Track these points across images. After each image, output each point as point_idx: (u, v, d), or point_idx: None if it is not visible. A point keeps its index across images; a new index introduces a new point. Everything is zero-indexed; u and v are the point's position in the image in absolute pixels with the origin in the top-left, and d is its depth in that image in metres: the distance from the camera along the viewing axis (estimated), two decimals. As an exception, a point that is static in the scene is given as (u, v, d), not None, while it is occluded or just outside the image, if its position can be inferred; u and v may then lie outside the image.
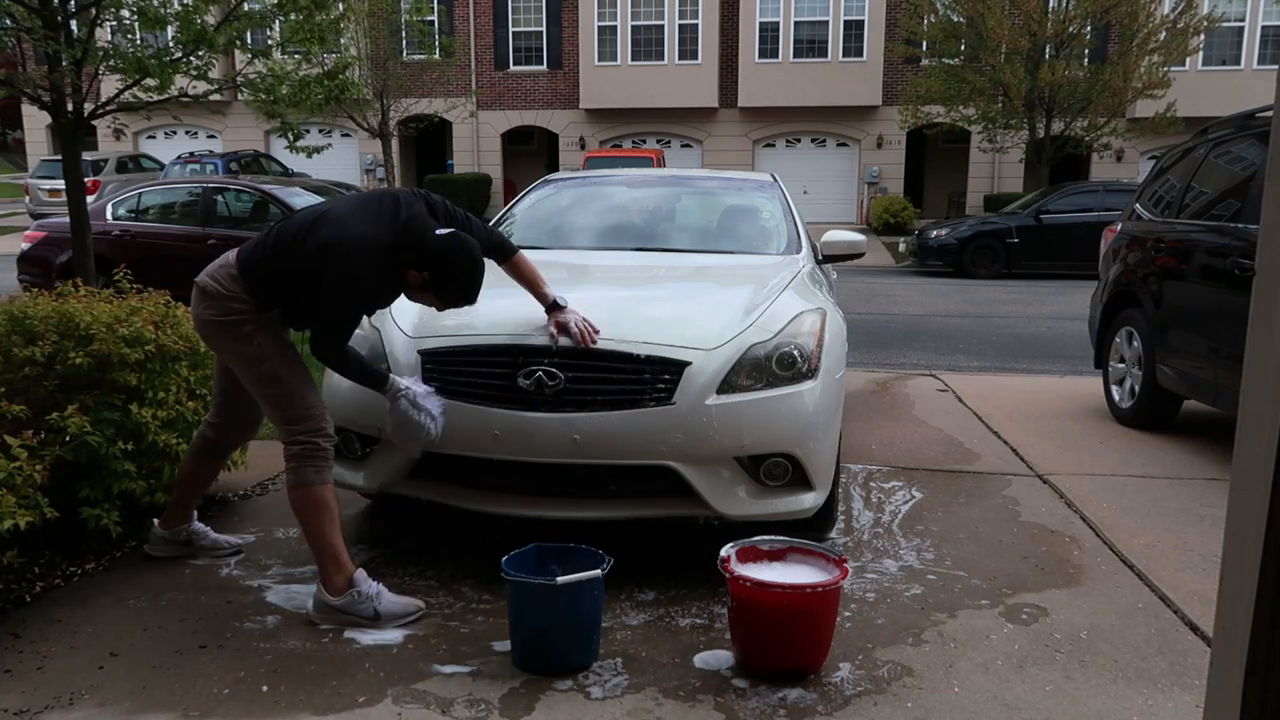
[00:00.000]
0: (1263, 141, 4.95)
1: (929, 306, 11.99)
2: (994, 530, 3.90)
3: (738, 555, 2.85)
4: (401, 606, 3.03)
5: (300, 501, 2.98)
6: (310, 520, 2.98)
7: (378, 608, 2.98)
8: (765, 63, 24.00)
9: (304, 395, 3.00)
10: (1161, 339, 5.35)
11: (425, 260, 2.90)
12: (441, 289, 2.95)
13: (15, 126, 35.71)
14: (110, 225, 9.42)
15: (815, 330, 3.44)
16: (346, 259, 2.83)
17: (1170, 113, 18.86)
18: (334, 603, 2.97)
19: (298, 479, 2.97)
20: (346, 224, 2.89)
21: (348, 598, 2.97)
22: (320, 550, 2.99)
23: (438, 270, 2.91)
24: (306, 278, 2.90)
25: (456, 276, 2.94)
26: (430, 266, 2.91)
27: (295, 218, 3.06)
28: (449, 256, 2.91)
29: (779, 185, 5.31)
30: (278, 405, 3.00)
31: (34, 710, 2.51)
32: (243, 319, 2.97)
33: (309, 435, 2.98)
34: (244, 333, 2.97)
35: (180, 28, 6.59)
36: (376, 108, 21.33)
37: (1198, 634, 3.01)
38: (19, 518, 2.79)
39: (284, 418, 3.00)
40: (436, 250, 2.90)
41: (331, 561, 2.98)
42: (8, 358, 3.45)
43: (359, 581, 2.98)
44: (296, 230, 2.96)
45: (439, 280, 2.93)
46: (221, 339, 3.03)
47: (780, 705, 2.58)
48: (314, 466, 2.97)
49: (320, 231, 2.88)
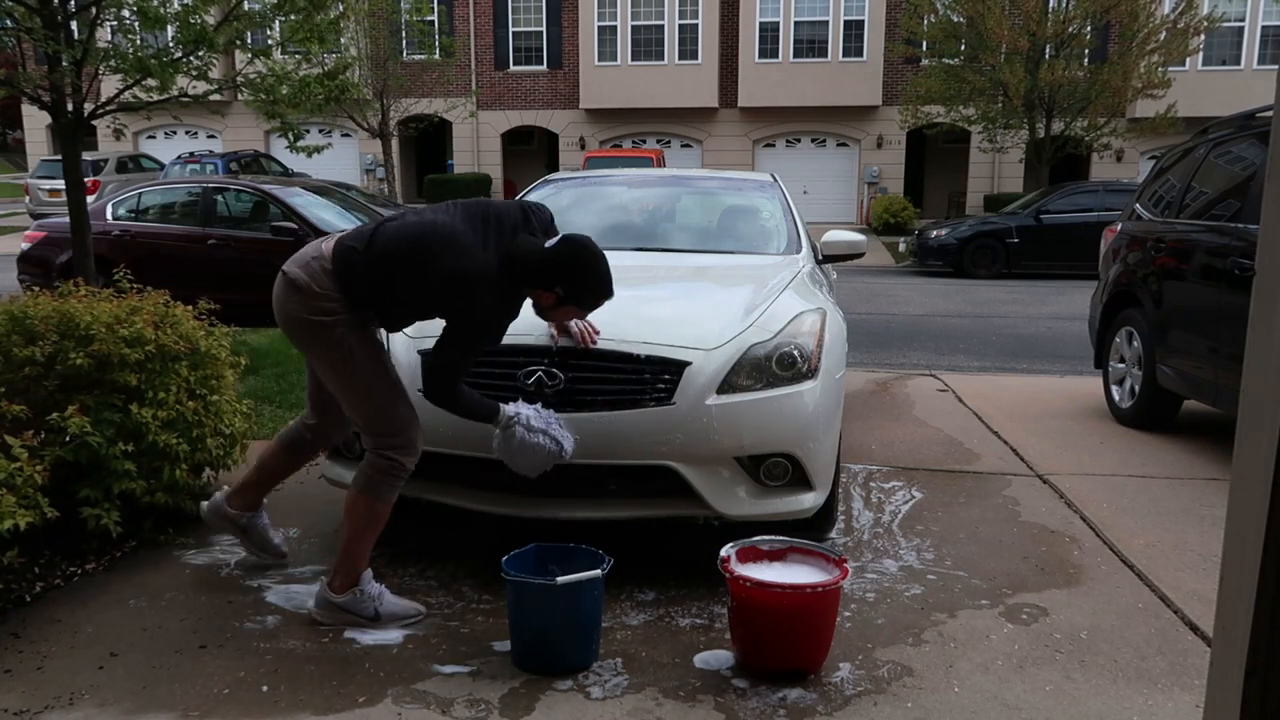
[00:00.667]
0: (1263, 141, 4.95)
1: (929, 306, 11.99)
2: (994, 530, 3.90)
3: (738, 555, 2.85)
4: (402, 608, 3.02)
5: (359, 506, 2.92)
6: (357, 526, 2.94)
7: (379, 608, 2.98)
8: (765, 63, 24.00)
9: (397, 409, 2.89)
10: (1161, 339, 5.35)
11: (553, 278, 2.79)
12: (581, 298, 2.85)
13: (15, 126, 35.72)
14: (110, 225, 9.41)
15: (815, 330, 3.44)
16: (470, 290, 2.71)
17: (1170, 113, 18.87)
18: (337, 600, 2.96)
19: (368, 487, 2.90)
20: (469, 252, 2.74)
21: (350, 595, 2.97)
22: (348, 553, 2.97)
23: (570, 283, 2.80)
24: (416, 293, 2.82)
25: (590, 280, 2.83)
26: (561, 281, 2.80)
27: (397, 226, 2.90)
28: (574, 266, 2.81)
29: (779, 185, 5.31)
30: (367, 418, 2.90)
31: (34, 710, 2.51)
32: (334, 320, 2.82)
33: (397, 453, 2.88)
34: (334, 336, 2.83)
35: (180, 28, 6.59)
36: (376, 108, 21.34)
37: (1198, 634, 3.01)
38: (19, 518, 2.79)
39: (374, 430, 2.89)
40: (559, 265, 2.79)
41: (350, 566, 2.97)
42: (8, 358, 3.45)
43: (363, 582, 2.98)
44: (404, 243, 2.82)
45: (575, 291, 2.82)
46: (309, 339, 2.88)
47: (780, 705, 2.58)
48: (389, 484, 2.91)
49: (441, 259, 2.74)
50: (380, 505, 2.92)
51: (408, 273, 2.79)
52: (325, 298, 2.82)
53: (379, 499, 2.91)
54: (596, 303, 2.90)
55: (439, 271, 2.74)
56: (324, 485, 4.07)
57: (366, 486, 2.91)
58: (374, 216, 10.30)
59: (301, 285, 2.83)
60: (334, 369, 2.88)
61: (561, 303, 2.85)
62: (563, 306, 2.87)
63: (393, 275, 2.81)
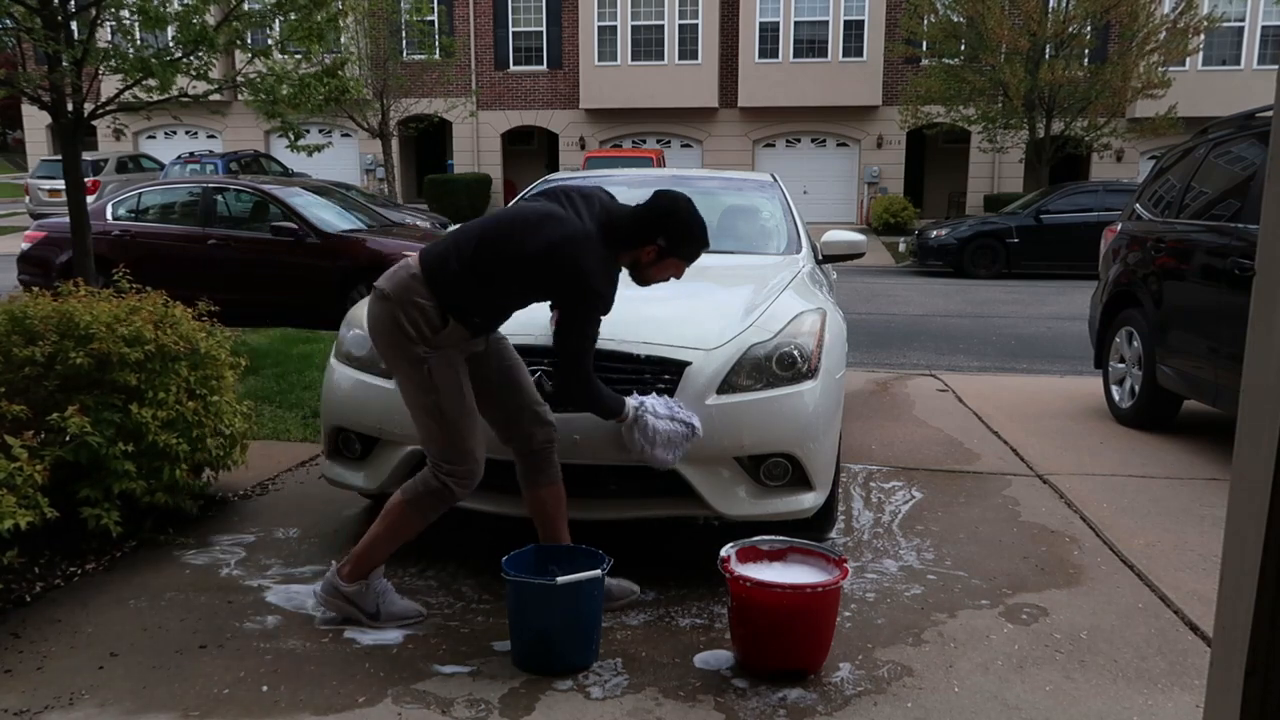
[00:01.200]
0: (1263, 141, 4.95)
1: (929, 306, 11.99)
2: (994, 530, 3.90)
3: (738, 555, 2.85)
4: (402, 609, 3.03)
5: (398, 514, 2.90)
6: (389, 530, 2.92)
7: (380, 605, 2.98)
8: (765, 63, 24.00)
9: (464, 437, 2.86)
10: (1161, 339, 5.35)
11: (654, 231, 2.84)
12: (681, 247, 2.89)
13: (15, 126, 35.72)
14: (110, 225, 9.42)
15: (815, 330, 3.44)
16: (577, 258, 2.73)
17: (1170, 113, 18.87)
18: (344, 588, 2.96)
19: (414, 501, 2.89)
20: (567, 221, 2.79)
21: (357, 586, 2.97)
22: (368, 549, 2.94)
23: (670, 232, 2.85)
24: (519, 275, 2.80)
25: (690, 228, 2.88)
26: (662, 232, 2.85)
27: (481, 221, 2.93)
28: (673, 214, 2.86)
29: (779, 185, 5.31)
30: (435, 439, 2.87)
31: (34, 710, 2.51)
32: (418, 336, 2.80)
33: (453, 481, 2.87)
34: (417, 355, 2.81)
35: (180, 28, 6.60)
36: (376, 108, 21.34)
37: (1198, 634, 3.01)
38: (19, 518, 2.79)
39: (438, 452, 2.87)
40: (659, 216, 2.85)
41: (366, 560, 2.95)
42: (8, 358, 3.45)
43: (373, 577, 2.98)
44: (499, 229, 2.85)
45: (676, 241, 2.87)
46: (394, 351, 2.86)
47: (780, 705, 2.58)
48: (435, 506, 2.90)
49: (541, 232, 2.77)
50: (419, 520, 2.92)
51: (509, 255, 2.79)
52: (415, 307, 2.79)
53: (420, 514, 2.91)
54: (696, 252, 2.94)
55: (542, 245, 2.76)
56: (324, 485, 4.07)
57: (413, 500, 2.89)
58: (374, 216, 10.31)
59: (392, 297, 2.82)
60: (413, 387, 2.86)
61: (663, 255, 2.88)
62: (664, 260, 2.90)
63: (492, 263, 2.80)
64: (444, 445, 2.85)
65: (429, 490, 2.87)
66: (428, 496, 2.88)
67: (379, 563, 2.98)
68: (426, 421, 2.87)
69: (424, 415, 2.86)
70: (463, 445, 2.86)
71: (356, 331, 3.58)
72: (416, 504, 2.89)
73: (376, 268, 8.59)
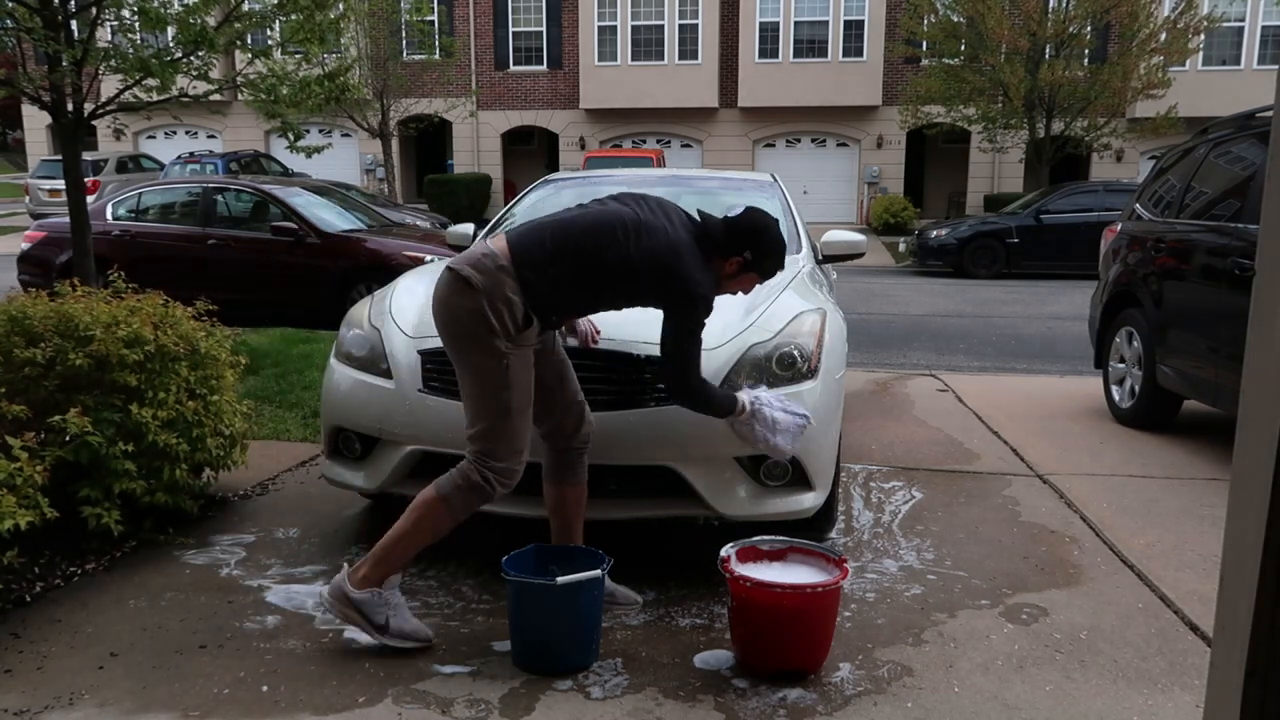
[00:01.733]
0: (1263, 141, 4.95)
1: (929, 306, 11.99)
2: (994, 530, 3.90)
3: (738, 555, 2.85)
4: (412, 628, 2.85)
5: (428, 510, 2.78)
6: (415, 528, 2.79)
7: (390, 618, 2.82)
8: (765, 63, 24.00)
9: (520, 436, 2.80)
10: (1161, 339, 5.35)
11: (742, 244, 2.88)
12: (763, 264, 2.92)
13: (15, 126, 35.73)
14: (110, 225, 9.42)
15: (815, 330, 3.44)
16: (679, 266, 2.75)
17: (1170, 113, 18.87)
18: (353, 594, 2.79)
19: (450, 496, 2.77)
20: (663, 230, 2.80)
21: (369, 594, 2.80)
22: (389, 550, 2.80)
23: (756, 247, 2.88)
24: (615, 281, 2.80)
25: (775, 245, 2.92)
26: (750, 246, 2.88)
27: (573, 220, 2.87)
28: (760, 230, 2.89)
29: (779, 185, 5.31)
30: (488, 433, 2.77)
31: (34, 710, 2.51)
32: (504, 334, 2.73)
33: (496, 477, 2.78)
34: (499, 349, 2.73)
35: (180, 28, 6.60)
36: (376, 108, 21.34)
37: (1198, 634, 3.01)
38: (19, 518, 2.79)
39: (489, 444, 2.77)
40: (748, 230, 2.89)
41: (384, 563, 2.80)
42: (8, 358, 3.45)
43: (386, 585, 2.82)
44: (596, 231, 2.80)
45: (760, 256, 2.90)
46: (472, 344, 2.76)
47: (780, 705, 2.58)
48: (470, 502, 2.79)
49: (640, 240, 2.77)
50: (449, 519, 2.79)
51: (609, 262, 2.77)
52: (505, 303, 2.72)
53: (452, 511, 2.78)
54: (774, 271, 2.97)
55: (647, 254, 2.76)
56: (324, 485, 4.07)
57: (449, 494, 2.77)
58: (374, 216, 10.31)
59: (481, 289, 2.72)
60: (483, 381, 2.77)
61: (745, 269, 2.91)
62: (744, 274, 2.92)
63: (593, 271, 2.78)
64: (498, 442, 2.77)
65: (469, 485, 2.76)
66: (466, 493, 2.76)
67: (398, 566, 2.83)
68: (491, 417, 2.76)
69: (489, 411, 2.76)
70: (517, 444, 2.79)
71: (356, 331, 3.58)
72: (452, 501, 2.77)
73: (376, 268, 8.63)
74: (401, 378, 3.34)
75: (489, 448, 2.78)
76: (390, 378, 3.37)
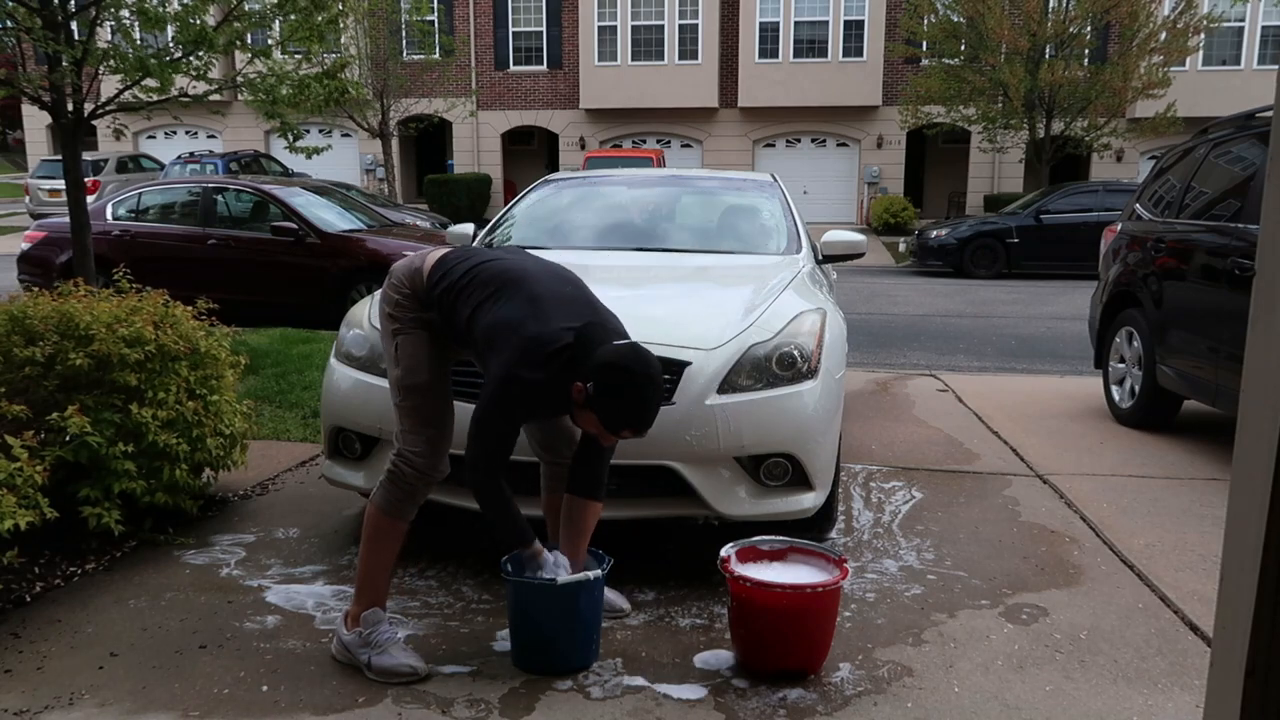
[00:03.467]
0: (1263, 141, 4.95)
1: (929, 306, 11.99)
2: (994, 530, 3.90)
3: (738, 555, 2.85)
4: (394, 664, 2.69)
5: (368, 520, 2.75)
6: (367, 543, 2.75)
7: (372, 657, 2.69)
8: (765, 63, 24.00)
9: (422, 411, 2.71)
10: (1161, 339, 5.35)
11: (588, 371, 2.47)
12: (602, 402, 2.45)
13: (15, 126, 35.73)
14: (110, 225, 9.42)
15: (815, 330, 3.44)
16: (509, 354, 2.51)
17: (1170, 113, 18.87)
18: (344, 637, 2.77)
19: (376, 499, 2.74)
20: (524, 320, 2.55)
21: (354, 634, 2.75)
22: (360, 577, 2.78)
23: (603, 382, 2.44)
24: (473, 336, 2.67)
25: (624, 391, 2.44)
26: (596, 377, 2.45)
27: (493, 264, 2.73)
28: (617, 367, 2.44)
29: (779, 185, 5.31)
30: (397, 414, 2.75)
31: (34, 710, 2.51)
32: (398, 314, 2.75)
33: (402, 461, 2.70)
34: (390, 330, 2.77)
35: (180, 28, 6.60)
36: (376, 108, 21.35)
37: (1198, 634, 3.01)
38: (19, 518, 2.79)
39: (398, 427, 2.75)
40: (604, 361, 2.46)
41: (362, 594, 2.76)
42: (8, 358, 3.46)
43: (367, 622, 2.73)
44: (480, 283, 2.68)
45: (601, 393, 2.44)
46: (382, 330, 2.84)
47: (780, 705, 2.58)
48: (392, 494, 2.71)
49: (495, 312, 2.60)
50: (383, 520, 2.71)
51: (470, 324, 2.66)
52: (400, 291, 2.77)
53: (382, 511, 2.72)
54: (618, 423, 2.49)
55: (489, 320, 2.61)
56: (324, 485, 4.07)
57: (377, 496, 2.74)
58: (374, 216, 10.31)
59: (392, 281, 2.81)
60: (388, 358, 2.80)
61: (587, 402, 2.48)
62: (586, 410, 2.50)
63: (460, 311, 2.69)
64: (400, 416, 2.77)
65: (387, 476, 2.75)
66: (386, 485, 2.75)
67: (380, 592, 2.76)
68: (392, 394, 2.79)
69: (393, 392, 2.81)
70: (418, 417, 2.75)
71: (356, 331, 3.58)
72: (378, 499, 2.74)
73: (376, 268, 8.63)
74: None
75: (398, 429, 2.75)
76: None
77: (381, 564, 2.76)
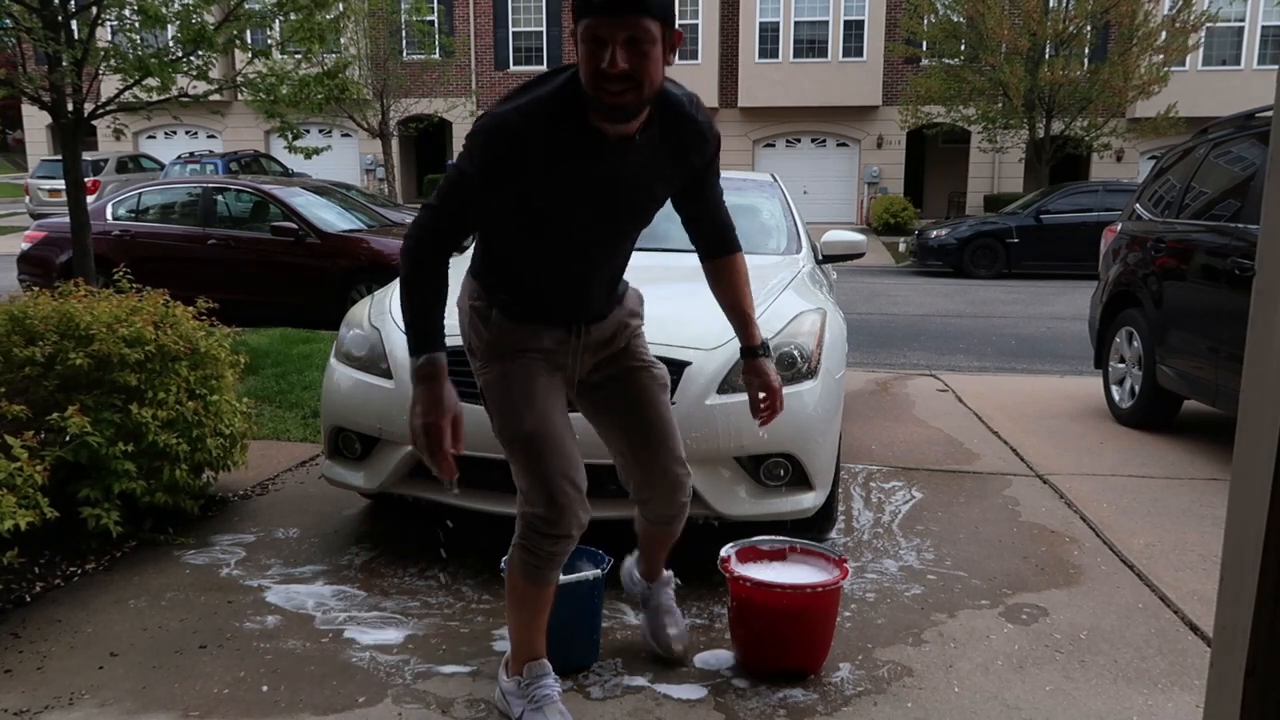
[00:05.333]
0: (1263, 141, 4.95)
1: (929, 306, 11.98)
2: (994, 530, 3.90)
3: (738, 555, 2.85)
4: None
5: (507, 579, 2.39)
6: (509, 602, 2.41)
7: (525, 710, 2.39)
8: (765, 63, 24.01)
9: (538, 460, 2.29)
10: (1161, 339, 5.35)
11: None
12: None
13: (15, 126, 35.73)
14: (110, 225, 9.43)
15: (815, 330, 3.44)
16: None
17: (1170, 113, 18.88)
18: (502, 681, 2.53)
19: (510, 558, 2.37)
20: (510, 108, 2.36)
21: (514, 681, 2.46)
22: (510, 630, 2.46)
23: None
24: None
25: None
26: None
27: None
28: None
29: (779, 185, 5.31)
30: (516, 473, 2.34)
31: (34, 710, 2.51)
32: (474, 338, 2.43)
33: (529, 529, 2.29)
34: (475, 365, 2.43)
35: (180, 27, 6.60)
36: (376, 108, 21.36)
37: (1198, 634, 3.01)
38: (19, 518, 2.79)
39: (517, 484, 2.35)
40: None
41: (515, 647, 2.45)
42: (8, 358, 3.45)
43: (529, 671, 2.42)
44: None
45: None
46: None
47: (780, 705, 2.58)
48: (523, 561, 2.32)
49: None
50: (518, 582, 2.33)
51: None
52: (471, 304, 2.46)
53: (520, 575, 2.32)
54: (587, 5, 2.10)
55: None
56: (324, 485, 4.07)
57: (510, 557, 2.37)
58: (374, 216, 10.32)
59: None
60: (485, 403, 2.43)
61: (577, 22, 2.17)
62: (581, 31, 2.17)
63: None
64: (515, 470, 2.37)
65: (514, 544, 2.35)
66: (514, 552, 2.36)
67: (531, 646, 2.41)
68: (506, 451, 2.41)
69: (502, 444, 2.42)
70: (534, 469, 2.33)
71: (356, 331, 3.58)
72: (511, 563, 2.37)
73: (376, 268, 8.63)
74: (401, 378, 3.33)
75: (517, 486, 2.34)
76: (390, 378, 3.38)
77: (535, 626, 2.41)
